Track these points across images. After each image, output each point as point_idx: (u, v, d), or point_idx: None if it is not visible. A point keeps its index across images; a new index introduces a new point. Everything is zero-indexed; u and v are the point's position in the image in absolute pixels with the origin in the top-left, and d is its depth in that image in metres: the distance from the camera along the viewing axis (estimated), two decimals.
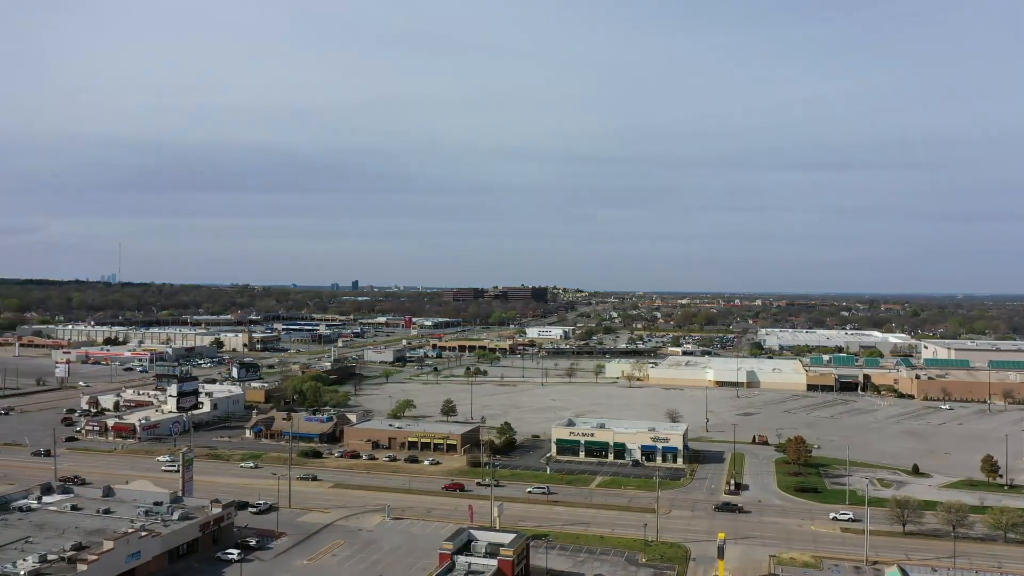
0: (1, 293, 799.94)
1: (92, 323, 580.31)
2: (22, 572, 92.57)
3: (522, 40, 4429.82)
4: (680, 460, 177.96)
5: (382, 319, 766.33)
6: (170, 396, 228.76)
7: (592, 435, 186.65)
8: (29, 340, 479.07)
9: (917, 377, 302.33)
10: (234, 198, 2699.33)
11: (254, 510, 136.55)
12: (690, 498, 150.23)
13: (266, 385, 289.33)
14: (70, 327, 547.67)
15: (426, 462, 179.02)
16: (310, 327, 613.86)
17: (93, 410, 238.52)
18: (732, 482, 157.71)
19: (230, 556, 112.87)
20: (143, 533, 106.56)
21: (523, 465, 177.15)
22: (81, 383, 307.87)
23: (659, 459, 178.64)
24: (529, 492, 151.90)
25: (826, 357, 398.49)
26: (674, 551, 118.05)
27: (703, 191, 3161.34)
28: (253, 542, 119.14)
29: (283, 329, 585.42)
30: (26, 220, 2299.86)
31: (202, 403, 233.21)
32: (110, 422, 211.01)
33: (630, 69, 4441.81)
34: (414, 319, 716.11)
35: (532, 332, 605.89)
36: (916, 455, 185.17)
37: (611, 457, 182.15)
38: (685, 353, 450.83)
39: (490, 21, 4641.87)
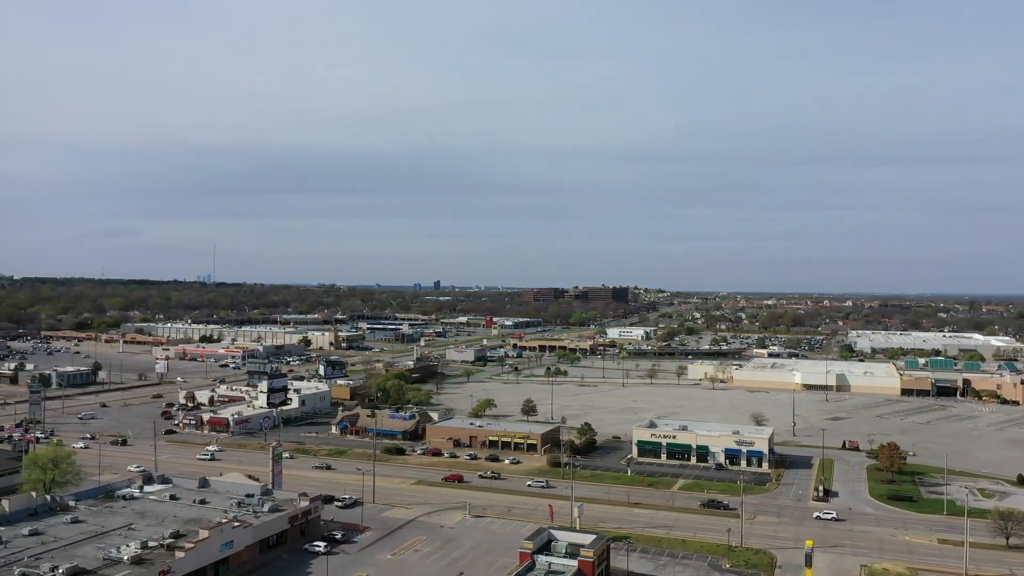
0: (107, 293, 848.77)
1: (189, 321, 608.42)
2: (125, 557, 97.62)
3: (598, 38, 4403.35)
4: (765, 464, 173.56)
5: (463, 319, 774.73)
6: (261, 392, 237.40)
7: (674, 437, 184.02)
8: (132, 337, 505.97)
9: (1023, 382, 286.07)
10: (321, 200, 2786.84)
11: (339, 504, 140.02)
12: (776, 503, 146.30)
13: (351, 382, 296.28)
14: (169, 325, 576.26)
15: (506, 461, 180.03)
16: (393, 326, 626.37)
17: (190, 405, 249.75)
18: (821, 488, 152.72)
19: (317, 548, 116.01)
20: (236, 524, 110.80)
21: (603, 466, 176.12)
22: (179, 379, 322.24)
23: (743, 463, 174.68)
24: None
25: (922, 360, 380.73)
26: (759, 557, 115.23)
27: (790, 188, 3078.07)
28: (339, 535, 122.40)
29: (368, 328, 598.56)
30: (129, 223, 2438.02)
31: (291, 399, 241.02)
32: (205, 416, 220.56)
33: (712, 65, 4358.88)
34: (495, 319, 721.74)
35: (613, 332, 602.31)
36: (1021, 464, 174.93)
37: (693, 460, 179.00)
38: (771, 355, 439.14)
39: (565, 21, 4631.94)
